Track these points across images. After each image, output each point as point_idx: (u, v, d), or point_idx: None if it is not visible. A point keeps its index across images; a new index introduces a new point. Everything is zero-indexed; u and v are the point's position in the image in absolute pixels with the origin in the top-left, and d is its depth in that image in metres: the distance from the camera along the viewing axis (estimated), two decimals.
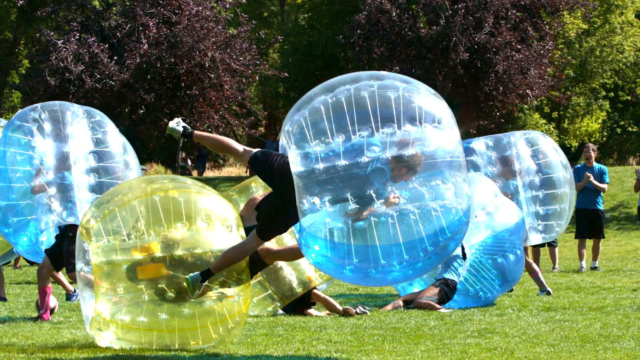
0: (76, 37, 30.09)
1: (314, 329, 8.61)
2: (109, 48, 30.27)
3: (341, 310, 9.88)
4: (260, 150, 7.49)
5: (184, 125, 7.85)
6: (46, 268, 9.61)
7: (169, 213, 7.44)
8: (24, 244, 9.80)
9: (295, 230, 7.10)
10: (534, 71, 31.67)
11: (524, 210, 12.11)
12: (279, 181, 7.06)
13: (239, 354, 7.27)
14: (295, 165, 6.79)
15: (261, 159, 7.30)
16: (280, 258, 8.41)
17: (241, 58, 31.68)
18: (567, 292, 12.17)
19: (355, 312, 9.83)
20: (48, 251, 9.64)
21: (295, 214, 6.81)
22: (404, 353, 7.14)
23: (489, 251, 10.78)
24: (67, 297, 11.86)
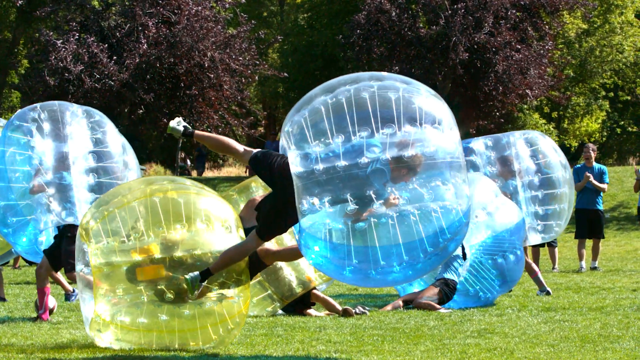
0: (75, 37, 30.08)
1: (313, 329, 8.60)
2: (108, 48, 30.26)
3: (341, 311, 9.87)
4: (261, 150, 7.47)
5: (184, 124, 7.83)
6: (45, 268, 9.59)
7: (168, 214, 7.43)
8: (23, 244, 9.79)
9: (295, 230, 7.09)
10: (534, 71, 31.68)
11: (523, 210, 12.10)
12: (279, 182, 7.05)
13: (238, 354, 7.26)
14: (295, 166, 6.77)
15: (261, 160, 7.29)
16: (280, 258, 8.39)
17: (240, 58, 31.67)
18: (567, 292, 12.16)
19: (355, 312, 9.82)
20: (47, 251, 9.62)
21: (295, 214, 6.79)
22: (403, 353, 7.14)
23: (489, 251, 10.77)
24: (66, 297, 11.85)
